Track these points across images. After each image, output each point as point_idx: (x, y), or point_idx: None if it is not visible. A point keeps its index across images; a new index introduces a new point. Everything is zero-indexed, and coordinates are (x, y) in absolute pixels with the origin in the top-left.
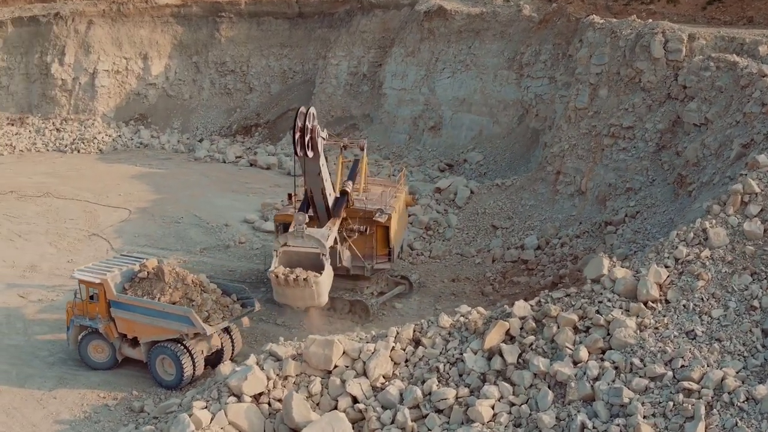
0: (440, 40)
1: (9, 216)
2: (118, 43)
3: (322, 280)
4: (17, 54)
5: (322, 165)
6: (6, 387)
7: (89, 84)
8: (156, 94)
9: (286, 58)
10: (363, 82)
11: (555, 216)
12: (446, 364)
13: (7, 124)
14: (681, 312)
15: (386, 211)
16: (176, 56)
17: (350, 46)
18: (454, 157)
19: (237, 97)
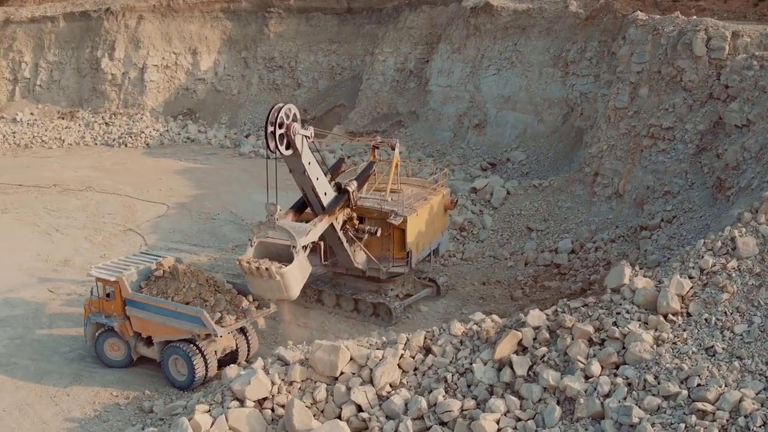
0: (486, 37)
1: (49, 209)
2: (167, 38)
3: (287, 273)
4: (69, 49)
5: (307, 163)
6: (23, 383)
7: (138, 79)
8: (204, 89)
9: (335, 54)
10: (409, 79)
11: (591, 219)
12: (455, 374)
13: (57, 118)
14: (702, 326)
15: (401, 212)
16: (225, 51)
17: (397, 43)
18: (497, 156)
19: (285, 92)
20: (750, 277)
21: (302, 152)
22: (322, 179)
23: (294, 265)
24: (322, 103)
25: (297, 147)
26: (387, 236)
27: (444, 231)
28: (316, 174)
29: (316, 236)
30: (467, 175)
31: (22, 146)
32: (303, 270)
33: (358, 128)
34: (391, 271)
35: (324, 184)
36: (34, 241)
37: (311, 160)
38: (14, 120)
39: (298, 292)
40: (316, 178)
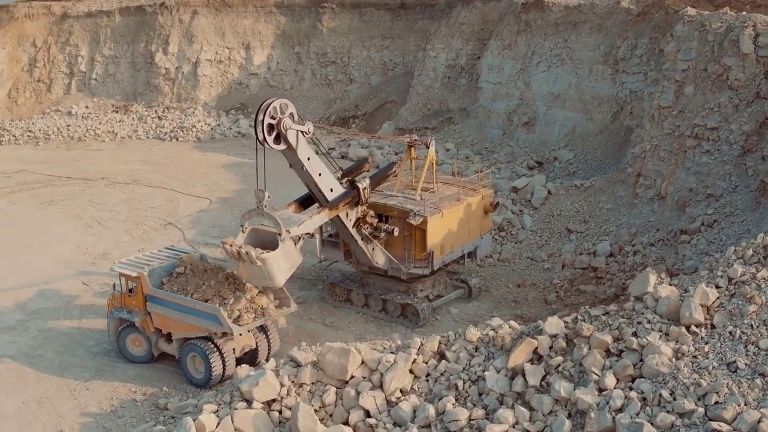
0: (537, 33)
1: (94, 202)
2: (221, 33)
3: (269, 259)
4: (124, 43)
5: (306, 159)
6: (46, 375)
7: (192, 73)
8: (257, 84)
9: (387, 49)
10: (461, 75)
11: (632, 221)
12: (467, 382)
13: (111, 111)
14: (725, 340)
15: (422, 212)
16: (278, 46)
17: (449, 38)
18: (545, 154)
19: (337, 88)
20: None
21: (297, 147)
22: (326, 175)
23: (278, 253)
24: (374, 99)
25: (290, 142)
26: (408, 236)
27: (484, 234)
28: (319, 170)
29: (309, 228)
30: (513, 174)
31: (76, 139)
32: (289, 259)
33: (408, 125)
34: (412, 272)
35: (329, 180)
36: (76, 234)
37: (311, 155)
38: (69, 113)
39: (282, 280)
40: (318, 173)
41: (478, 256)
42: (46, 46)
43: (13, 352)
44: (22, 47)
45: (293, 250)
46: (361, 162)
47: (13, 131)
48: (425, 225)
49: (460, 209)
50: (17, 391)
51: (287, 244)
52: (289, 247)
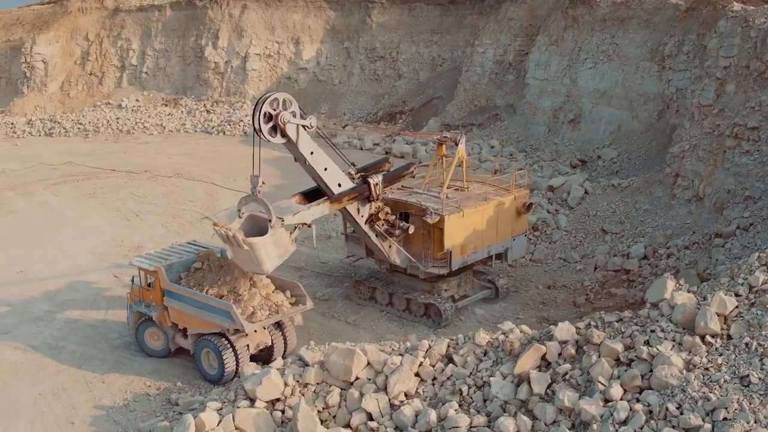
0: (584, 29)
1: (135, 195)
2: (270, 28)
3: (255, 244)
4: (174, 37)
5: (308, 153)
6: (65, 367)
7: (241, 67)
8: (306, 79)
9: (436, 45)
10: (508, 71)
11: (669, 223)
12: (472, 387)
13: (161, 105)
14: (741, 352)
15: (439, 211)
16: (328, 41)
17: (497, 34)
18: (589, 152)
19: (386, 83)
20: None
21: (298, 142)
22: (333, 170)
23: (266, 239)
24: (421, 94)
25: (290, 136)
26: (426, 235)
27: (517, 235)
28: (324, 164)
29: (305, 219)
30: (555, 172)
31: (125, 132)
32: (279, 247)
33: (455, 121)
34: (430, 272)
35: (336, 174)
36: (113, 226)
37: (315, 150)
38: (119, 106)
39: (271, 268)
40: (323, 168)
41: (510, 258)
42: (99, 40)
43: (36, 342)
44: (75, 41)
45: (285, 239)
46: (380, 161)
47: (64, 124)
48: (442, 224)
49: (486, 209)
50: (35, 382)
51: (277, 232)
52: (280, 234)
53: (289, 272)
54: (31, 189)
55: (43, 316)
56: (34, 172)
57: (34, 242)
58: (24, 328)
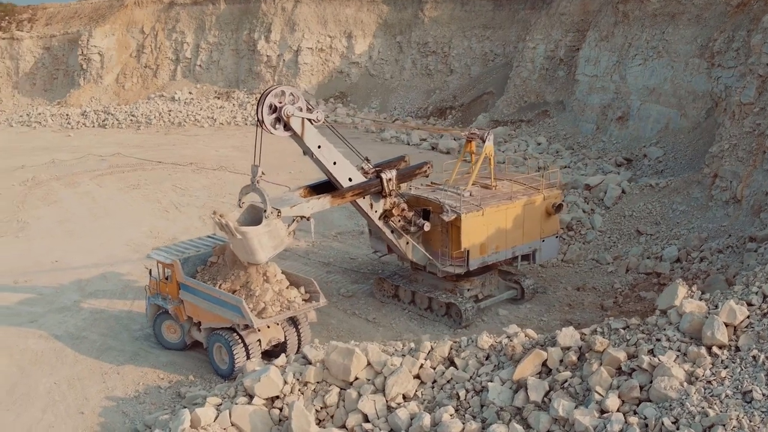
0: (634, 24)
1: (177, 187)
2: (323, 22)
3: (249, 234)
4: (228, 30)
5: (315, 146)
6: (83, 357)
7: (293, 61)
8: (358, 73)
9: (488, 40)
10: (559, 67)
11: (705, 225)
12: (470, 392)
13: (213, 98)
14: (747, 365)
15: (457, 209)
16: (380, 36)
17: (548, 29)
18: (635, 151)
19: (437, 78)
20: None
21: (304, 135)
22: (342, 164)
23: (259, 229)
24: (472, 90)
25: (295, 129)
26: (444, 233)
27: (547, 236)
28: (333, 158)
29: (304, 212)
30: (599, 170)
31: (176, 124)
32: (274, 238)
33: (503, 117)
34: (446, 270)
35: (346, 169)
36: (151, 218)
37: (322, 143)
38: (173, 98)
39: (264, 258)
40: (332, 162)
41: (539, 260)
42: (154, 33)
43: (60, 332)
44: (131, 34)
45: (281, 230)
46: (397, 158)
47: (117, 115)
48: (459, 222)
49: (511, 208)
50: (53, 371)
51: (272, 222)
52: (275, 225)
53: (317, 267)
54: (77, 179)
55: (71, 305)
56: (83, 163)
57: (73, 232)
58: (50, 317)
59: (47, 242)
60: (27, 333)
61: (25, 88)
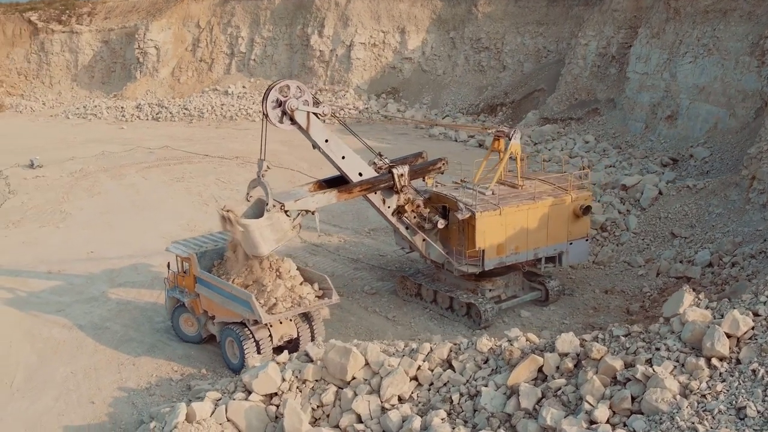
0: (685, 21)
1: (220, 180)
2: (376, 17)
3: (250, 226)
4: (282, 25)
5: (323, 141)
6: (103, 347)
7: (345, 56)
8: (411, 69)
9: (542, 36)
10: (611, 65)
11: (740, 229)
12: (464, 396)
13: None
14: (745, 379)
15: (472, 207)
16: (434, 31)
17: (601, 26)
18: (683, 151)
19: (490, 74)
20: None
21: (309, 129)
22: (351, 158)
23: (261, 222)
24: (523, 87)
25: (300, 122)
26: (461, 231)
27: (574, 239)
28: (341, 152)
29: (309, 206)
30: (644, 170)
31: (228, 118)
32: (276, 232)
33: (553, 114)
34: (461, 269)
35: (355, 163)
36: (191, 210)
37: (329, 137)
38: (226, 92)
39: (266, 251)
40: (341, 156)
41: (565, 263)
42: (209, 27)
43: (84, 322)
44: (187, 28)
45: (284, 224)
46: (414, 154)
47: (171, 108)
48: (474, 221)
49: (533, 209)
50: (71, 360)
51: (274, 216)
52: (278, 219)
53: (344, 264)
54: (124, 171)
55: (99, 296)
56: (131, 155)
57: (113, 223)
58: (77, 307)
59: (86, 233)
60: (52, 322)
61: (84, 80)
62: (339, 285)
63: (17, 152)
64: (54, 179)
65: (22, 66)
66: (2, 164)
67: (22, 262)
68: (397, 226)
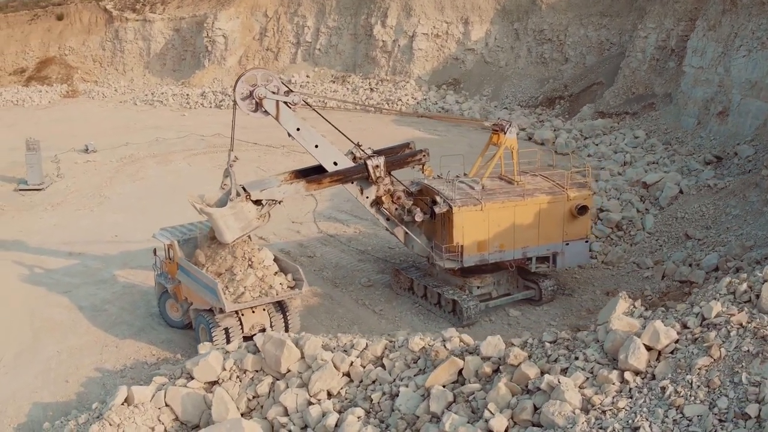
0: (741, 13)
1: (260, 169)
2: (440, 7)
3: (214, 215)
4: (347, 15)
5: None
6: (96, 329)
7: (407, 46)
8: (473, 60)
9: (605, 28)
10: (670, 58)
11: (754, 232)
12: (386, 395)
13: (329, 81)
14: (652, 397)
15: (451, 201)
16: (498, 22)
17: (661, 18)
18: (728, 149)
19: (552, 67)
20: (753, 341)
21: (279, 117)
22: (325, 147)
23: (224, 210)
24: (583, 80)
25: (269, 111)
26: (443, 225)
27: (571, 240)
28: (314, 141)
29: (275, 196)
30: (684, 168)
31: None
32: (241, 220)
33: (609, 109)
34: (435, 263)
35: (329, 152)
36: None
37: (301, 126)
38: (289, 81)
39: (231, 238)
40: (314, 145)
41: (560, 265)
42: (276, 17)
43: (86, 303)
44: (255, 17)
45: (249, 213)
46: (401, 144)
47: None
48: (451, 215)
49: (521, 206)
50: (62, 340)
51: (237, 205)
52: (242, 208)
53: (351, 255)
54: (171, 158)
55: (108, 279)
56: (183, 142)
57: (147, 209)
58: (84, 289)
59: (118, 217)
60: (56, 302)
61: (156, 68)
62: (339, 276)
63: (79, 137)
64: (103, 164)
65: (96, 53)
66: (60, 148)
67: (47, 242)
68: (378, 218)
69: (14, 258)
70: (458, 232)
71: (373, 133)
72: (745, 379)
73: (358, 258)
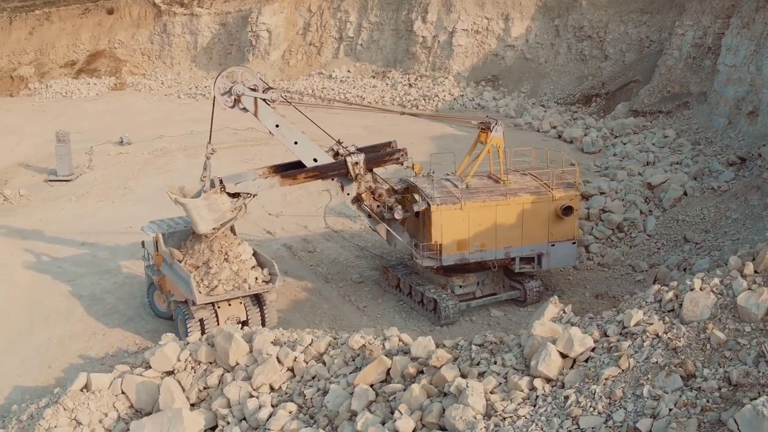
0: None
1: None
2: (480, 3)
3: (187, 205)
4: (389, 10)
5: (273, 126)
6: (88, 317)
7: (447, 42)
8: (513, 56)
9: (645, 25)
10: (707, 56)
11: (751, 237)
12: (320, 391)
13: (370, 77)
14: (555, 406)
15: (430, 199)
16: (539, 18)
17: (699, 15)
18: (754, 150)
19: (591, 64)
20: (664, 352)
21: (258, 114)
22: (304, 144)
23: (197, 201)
24: (621, 77)
25: (247, 108)
26: (423, 224)
27: (557, 241)
28: (293, 138)
29: (250, 190)
30: (705, 169)
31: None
32: (215, 212)
33: (643, 107)
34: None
35: (309, 149)
36: None
37: (280, 122)
38: (330, 76)
39: (204, 229)
40: (293, 141)
41: (545, 266)
42: (320, 12)
43: (86, 293)
44: (299, 12)
45: (223, 205)
46: (384, 143)
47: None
48: (429, 213)
49: (503, 206)
50: (55, 327)
51: (211, 197)
52: (215, 200)
53: (350, 251)
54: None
55: (113, 269)
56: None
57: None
58: (88, 278)
59: (136, 208)
60: (58, 290)
61: (202, 62)
62: (333, 271)
63: (118, 129)
64: (134, 156)
65: (145, 47)
66: (97, 140)
67: (63, 232)
68: (359, 214)
69: (27, 246)
70: (437, 231)
71: (407, 128)
72: (647, 392)
73: (356, 254)
